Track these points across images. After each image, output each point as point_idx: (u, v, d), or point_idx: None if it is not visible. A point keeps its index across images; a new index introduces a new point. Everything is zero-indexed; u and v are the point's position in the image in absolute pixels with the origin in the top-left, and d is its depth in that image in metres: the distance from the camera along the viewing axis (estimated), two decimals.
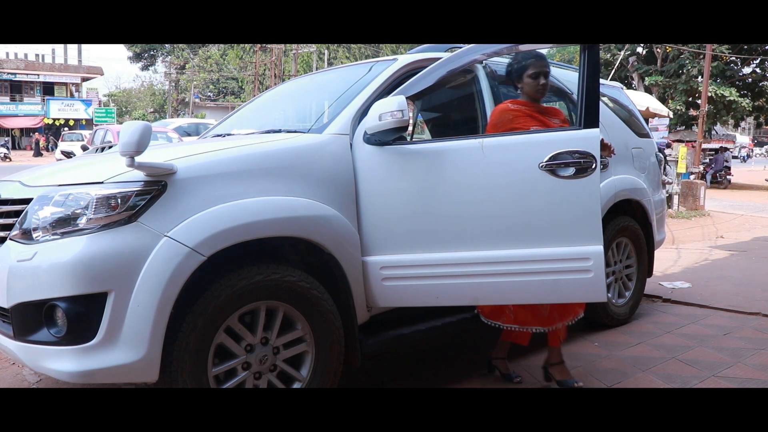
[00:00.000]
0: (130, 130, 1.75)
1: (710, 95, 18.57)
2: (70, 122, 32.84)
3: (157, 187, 1.84)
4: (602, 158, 2.64)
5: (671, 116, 16.55)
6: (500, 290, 2.26)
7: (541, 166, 2.17)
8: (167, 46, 46.80)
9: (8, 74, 33.31)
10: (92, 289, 1.73)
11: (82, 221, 1.79)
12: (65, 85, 35.24)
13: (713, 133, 27.66)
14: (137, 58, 50.36)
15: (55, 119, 33.03)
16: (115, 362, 1.75)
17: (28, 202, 1.92)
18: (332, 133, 2.32)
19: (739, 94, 21.02)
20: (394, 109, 2.12)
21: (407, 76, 2.53)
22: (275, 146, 2.22)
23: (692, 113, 21.93)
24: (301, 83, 3.55)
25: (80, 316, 1.74)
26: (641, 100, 12.72)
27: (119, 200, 1.80)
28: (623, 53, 20.75)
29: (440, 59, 2.46)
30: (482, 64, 2.82)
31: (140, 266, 1.77)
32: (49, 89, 34.87)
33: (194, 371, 1.88)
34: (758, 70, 22.36)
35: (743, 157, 36.83)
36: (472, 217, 2.23)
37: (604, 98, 3.59)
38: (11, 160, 23.90)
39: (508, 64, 2.65)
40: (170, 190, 1.86)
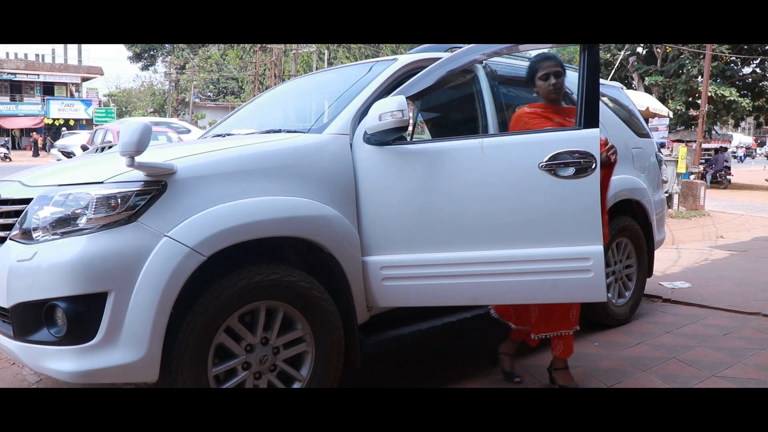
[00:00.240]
0: (130, 130, 1.76)
1: (710, 95, 18.56)
2: (70, 122, 32.81)
3: (157, 187, 1.84)
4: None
5: (671, 116, 16.55)
6: (500, 290, 2.26)
7: (541, 166, 2.17)
8: (167, 46, 46.79)
9: (8, 74, 33.30)
10: (92, 289, 1.73)
11: (82, 221, 1.79)
12: (65, 85, 35.22)
13: (713, 133, 27.65)
14: (137, 58, 50.35)
15: (55, 119, 33.00)
16: (115, 362, 1.75)
17: (28, 202, 1.92)
18: (332, 133, 2.32)
19: (739, 94, 21.01)
20: (394, 109, 2.12)
21: (407, 76, 2.54)
22: (275, 146, 2.22)
23: (692, 113, 21.93)
24: (301, 83, 3.55)
25: (80, 316, 1.74)
26: (641, 100, 12.72)
27: (119, 200, 1.80)
28: (623, 53, 20.74)
29: (440, 59, 2.46)
30: (482, 64, 2.82)
31: (140, 266, 1.77)
32: (49, 89, 34.85)
33: (194, 371, 1.88)
34: (758, 70, 22.36)
35: (740, 157, 36.80)
36: (472, 216, 2.23)
37: (604, 98, 3.59)
38: (11, 160, 23.91)
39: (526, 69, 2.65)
40: (170, 190, 1.87)
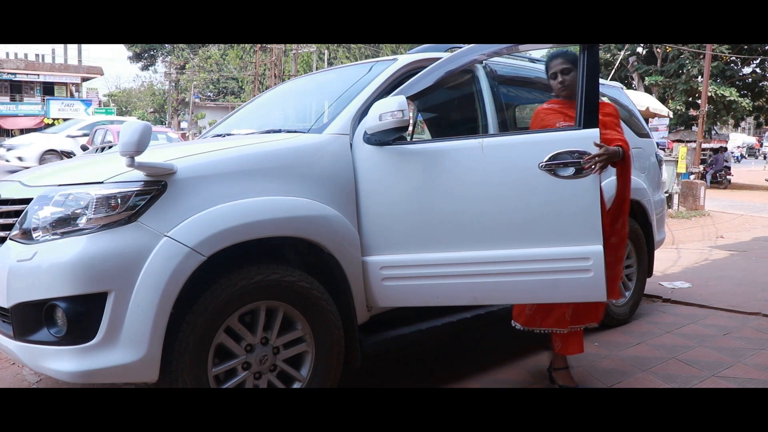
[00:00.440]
0: (130, 130, 1.76)
1: (710, 95, 18.56)
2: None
3: (157, 187, 1.84)
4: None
5: (671, 116, 16.55)
6: (500, 290, 2.26)
7: (540, 166, 2.17)
8: (167, 46, 46.76)
9: (8, 74, 33.25)
10: (92, 289, 1.73)
11: (82, 221, 1.79)
12: (65, 85, 35.17)
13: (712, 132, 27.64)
14: (137, 58, 50.32)
15: (55, 119, 32.95)
16: (115, 362, 1.75)
17: (28, 202, 1.92)
18: (332, 133, 2.32)
19: (739, 94, 21.01)
20: (394, 109, 2.12)
21: (407, 76, 2.54)
22: (275, 146, 2.22)
23: (692, 113, 21.93)
24: (301, 83, 3.55)
25: (80, 316, 1.74)
26: (641, 100, 12.73)
27: (119, 200, 1.80)
28: (623, 53, 20.74)
29: (440, 59, 2.46)
30: (482, 64, 2.82)
31: (140, 266, 1.77)
32: (49, 89, 34.80)
33: (194, 371, 1.88)
34: (758, 70, 22.36)
35: (737, 157, 36.82)
36: (472, 216, 2.23)
37: (604, 98, 3.58)
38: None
39: None
40: (170, 190, 1.86)
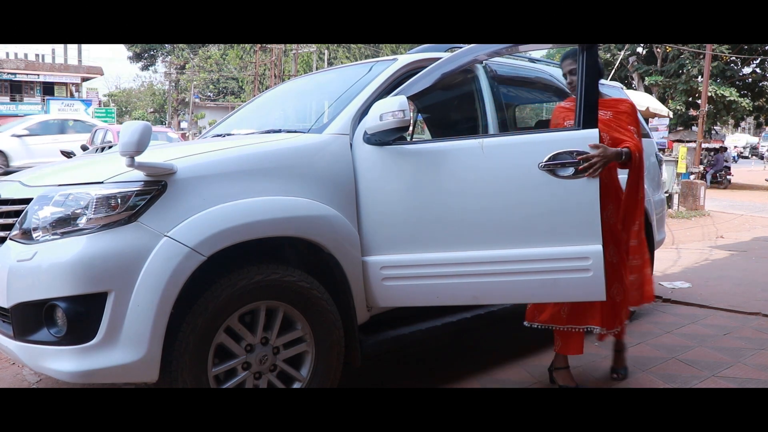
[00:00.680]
0: (130, 130, 1.76)
1: (710, 95, 18.55)
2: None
3: (157, 187, 1.84)
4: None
5: (671, 116, 16.54)
6: (500, 289, 2.26)
7: (540, 166, 2.17)
8: (167, 46, 46.74)
9: (8, 74, 33.24)
10: (92, 289, 1.73)
11: (82, 221, 1.79)
12: (65, 85, 35.15)
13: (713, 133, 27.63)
14: (137, 58, 50.29)
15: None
16: (115, 362, 1.75)
17: (28, 202, 1.92)
18: (332, 133, 2.32)
19: (739, 94, 21.00)
20: (395, 109, 2.12)
21: (407, 76, 2.54)
22: (275, 146, 2.22)
23: (692, 113, 21.91)
24: (301, 83, 3.55)
25: (80, 316, 1.74)
26: (641, 100, 12.72)
27: (119, 200, 1.80)
28: (623, 53, 20.73)
29: (440, 59, 2.46)
30: (482, 64, 2.82)
31: (140, 266, 1.77)
32: (49, 89, 34.77)
33: (194, 371, 1.88)
34: (758, 70, 22.34)
35: (733, 157, 36.96)
36: (472, 216, 2.24)
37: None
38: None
39: None
40: (170, 190, 1.86)
